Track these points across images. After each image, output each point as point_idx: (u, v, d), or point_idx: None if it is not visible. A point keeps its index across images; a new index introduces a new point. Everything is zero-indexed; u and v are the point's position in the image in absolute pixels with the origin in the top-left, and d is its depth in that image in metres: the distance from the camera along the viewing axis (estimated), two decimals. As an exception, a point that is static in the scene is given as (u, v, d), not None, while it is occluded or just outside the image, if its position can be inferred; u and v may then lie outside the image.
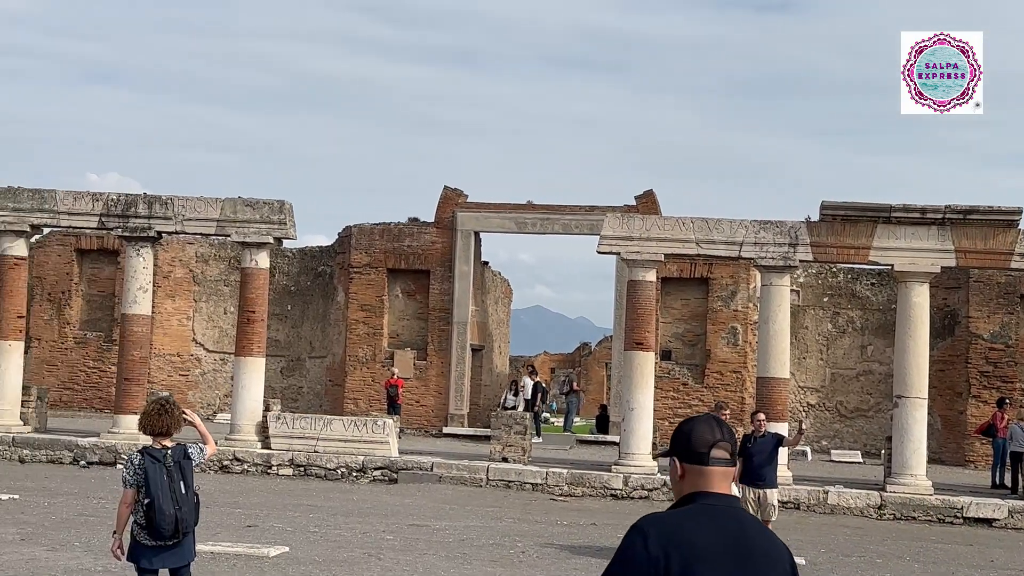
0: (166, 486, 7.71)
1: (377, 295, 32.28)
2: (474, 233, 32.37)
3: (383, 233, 32.47)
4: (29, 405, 24.44)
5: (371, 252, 32.33)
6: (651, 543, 3.39)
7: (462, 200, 32.30)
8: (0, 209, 24.11)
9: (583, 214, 31.49)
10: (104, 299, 34.37)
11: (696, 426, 3.63)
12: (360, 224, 32.79)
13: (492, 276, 35.64)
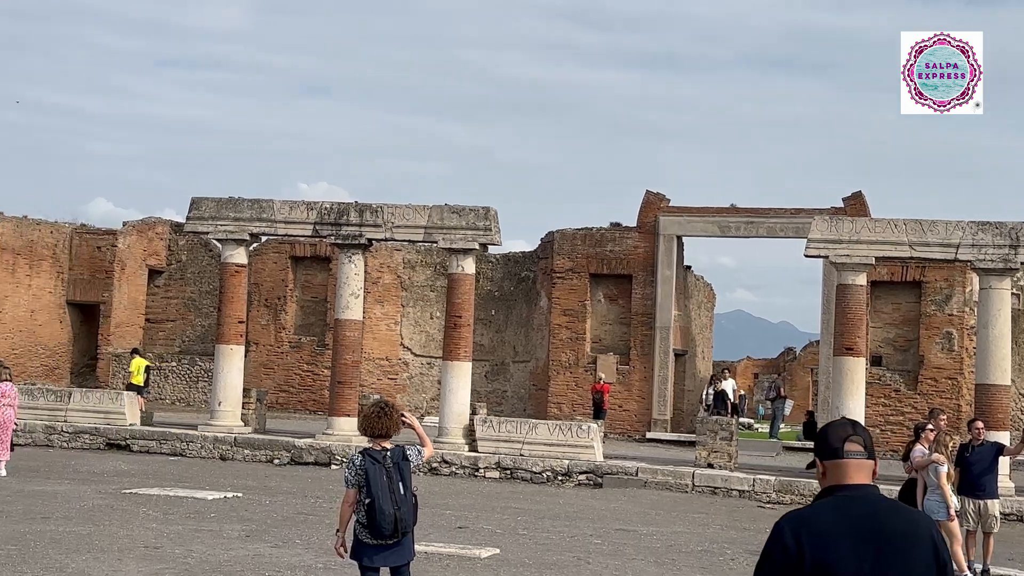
0: (385, 487, 7.92)
1: (579, 300, 32.43)
2: (676, 237, 32.18)
3: (585, 238, 32.61)
4: (249, 406, 25.51)
5: (574, 257, 32.51)
6: (786, 535, 3.70)
7: (664, 204, 32.16)
8: (222, 219, 25.26)
9: (788, 217, 30.91)
10: (317, 304, 35.59)
11: (831, 426, 3.97)
12: (563, 229, 33.02)
13: (695, 280, 35.35)
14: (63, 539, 12.68)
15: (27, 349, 34.70)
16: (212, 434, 24.28)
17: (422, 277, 35.76)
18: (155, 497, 16.96)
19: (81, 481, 18.66)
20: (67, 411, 25.06)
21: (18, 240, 34.47)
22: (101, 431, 24.61)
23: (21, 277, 34.52)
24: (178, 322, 37.64)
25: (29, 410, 25.13)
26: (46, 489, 17.33)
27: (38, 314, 35.09)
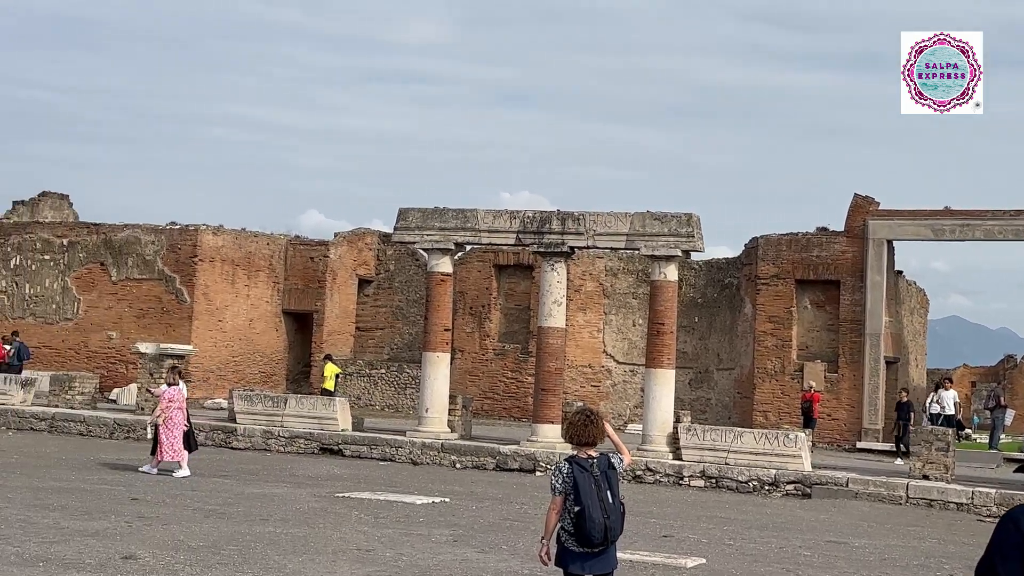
0: (595, 495, 7.92)
1: (785, 306, 31.79)
2: (887, 241, 31.19)
3: (790, 243, 31.96)
4: (455, 413, 25.96)
5: (778, 263, 31.91)
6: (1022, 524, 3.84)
7: (874, 208, 31.22)
8: (428, 229, 25.81)
9: (1008, 219, 29.58)
10: (520, 312, 35.98)
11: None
12: (767, 235, 32.45)
13: (906, 286, 34.18)
14: (280, 541, 13.16)
15: (246, 356, 36.20)
16: (420, 440, 24.81)
17: (624, 284, 35.71)
18: (366, 501, 17.43)
19: (297, 484, 19.34)
20: (283, 416, 26.02)
21: (237, 252, 36.03)
22: (315, 436, 25.46)
23: (240, 287, 36.05)
24: (386, 330, 38.63)
25: (248, 415, 26.22)
26: (264, 492, 18.02)
27: (256, 323, 36.57)
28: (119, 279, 35.00)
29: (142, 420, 26.60)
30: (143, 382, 27.86)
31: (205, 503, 16.10)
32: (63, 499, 15.68)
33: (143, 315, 34.66)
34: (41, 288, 35.66)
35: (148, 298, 34.75)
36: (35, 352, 34.94)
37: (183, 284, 34.51)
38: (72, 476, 18.70)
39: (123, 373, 33.56)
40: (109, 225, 35.67)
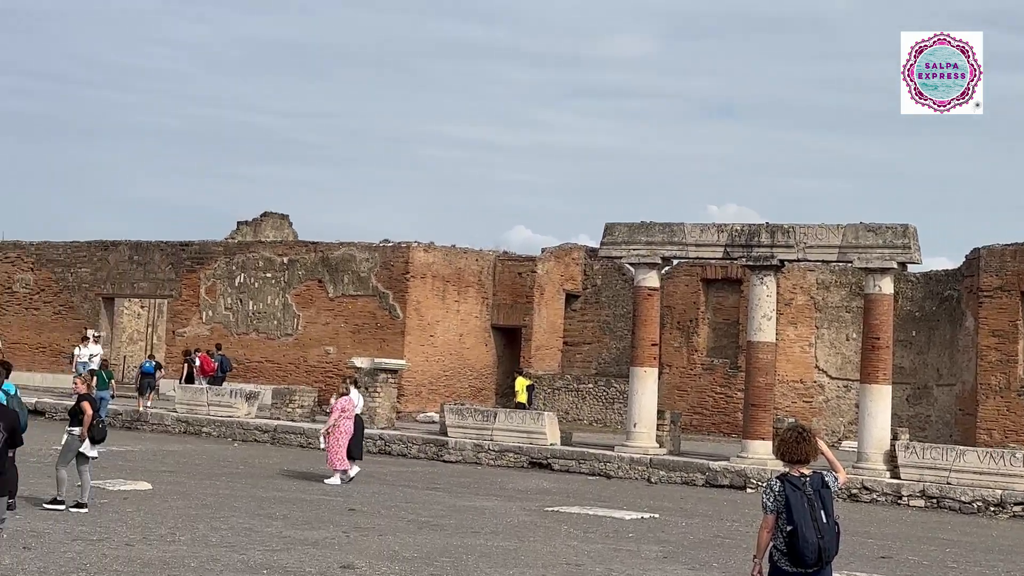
0: (808, 514, 7.74)
1: (1010, 320, 30.37)
2: (1121, 250, 29.43)
3: (1015, 254, 30.52)
4: (663, 428, 25.79)
5: (1002, 274, 30.52)
6: None
7: (1106, 214, 29.54)
8: (634, 244, 25.77)
9: None
10: (728, 327, 35.50)
11: None
12: (990, 245, 31.09)
13: None
14: (492, 553, 13.34)
15: (456, 371, 36.88)
16: (628, 455, 24.75)
17: (836, 298, 34.81)
18: (576, 515, 17.49)
19: (507, 498, 19.56)
20: (493, 430, 26.37)
21: (448, 268, 36.77)
22: (524, 450, 25.70)
23: (451, 303, 36.77)
24: (594, 344, 38.72)
25: (459, 429, 26.69)
26: (475, 504, 18.30)
27: (466, 337, 37.22)
28: (336, 295, 36.18)
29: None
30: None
31: (419, 515, 16.46)
32: (285, 509, 16.30)
33: (358, 330, 35.72)
34: (263, 305, 37.18)
35: (363, 314, 35.80)
36: (258, 367, 36.46)
37: (396, 300, 35.42)
38: (293, 486, 19.41)
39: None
40: (326, 243, 36.93)
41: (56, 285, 40.22)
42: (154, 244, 39.15)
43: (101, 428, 15.29)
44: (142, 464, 21.19)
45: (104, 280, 39.50)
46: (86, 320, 39.19)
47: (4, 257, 41.39)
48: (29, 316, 40.49)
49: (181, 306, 38.45)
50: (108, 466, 20.06)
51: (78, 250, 40.23)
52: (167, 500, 16.39)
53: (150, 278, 38.98)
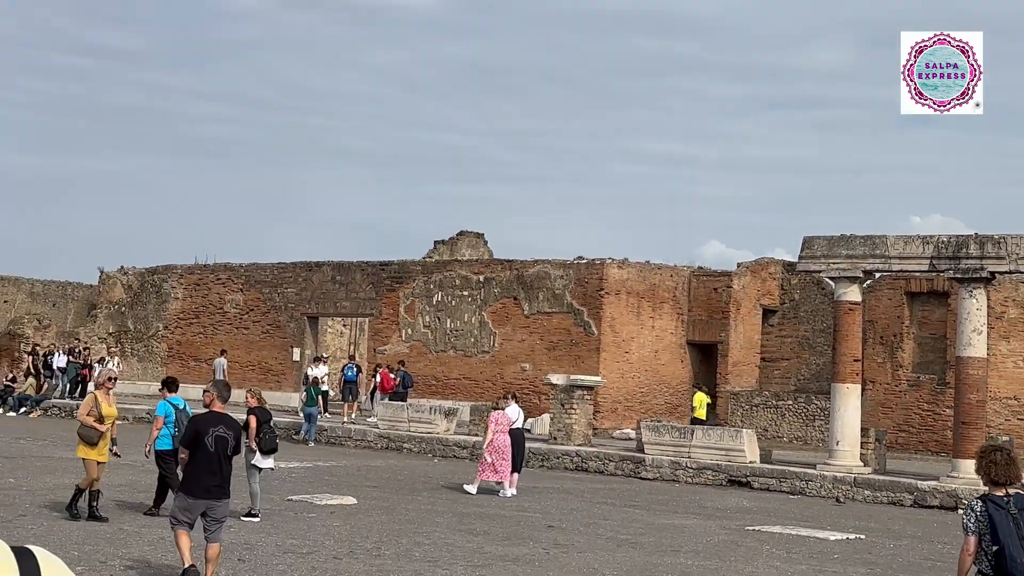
0: (1014, 533, 7.47)
1: None
2: None
3: None
4: (868, 446, 25.05)
5: None
6: None
7: None
8: (834, 257, 25.15)
9: None
10: (935, 341, 34.26)
11: None
12: None
13: None
14: (692, 573, 13.19)
15: (651, 387, 36.68)
16: (831, 473, 24.13)
17: (1052, 310, 33.17)
18: (777, 535, 17.15)
19: (706, 516, 19.32)
20: (690, 447, 26.10)
21: (642, 284, 36.65)
22: (722, 467, 25.35)
23: (645, 319, 36.62)
24: (792, 360, 37.93)
25: (655, 446, 26.52)
26: (674, 523, 18.14)
27: (661, 354, 36.99)
28: (531, 313, 36.49)
29: (555, 449, 27.56)
30: (555, 412, 28.87)
31: (617, 533, 16.41)
32: (485, 524, 16.49)
33: (553, 347, 35.92)
34: (460, 323, 37.79)
35: (558, 331, 35.99)
36: (456, 383, 37.05)
37: (590, 317, 35.47)
38: (492, 502, 19.61)
39: (536, 403, 34.89)
40: (521, 261, 37.30)
41: (264, 305, 41.79)
42: (355, 264, 40.29)
43: (268, 439, 15.81)
44: (347, 479, 21.77)
45: (309, 300, 40.84)
46: (292, 339, 40.61)
47: (216, 279, 43.26)
48: (239, 335, 42.18)
49: (381, 324, 39.43)
50: (315, 481, 20.71)
51: (284, 271, 41.73)
52: (372, 515, 16.79)
53: (352, 297, 40.11)
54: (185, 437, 11.25)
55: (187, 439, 11.11)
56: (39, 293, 64.95)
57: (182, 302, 44.02)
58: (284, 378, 40.36)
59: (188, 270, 44.47)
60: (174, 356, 43.61)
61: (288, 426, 31.10)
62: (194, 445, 10.93)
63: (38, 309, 59.14)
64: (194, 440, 10.95)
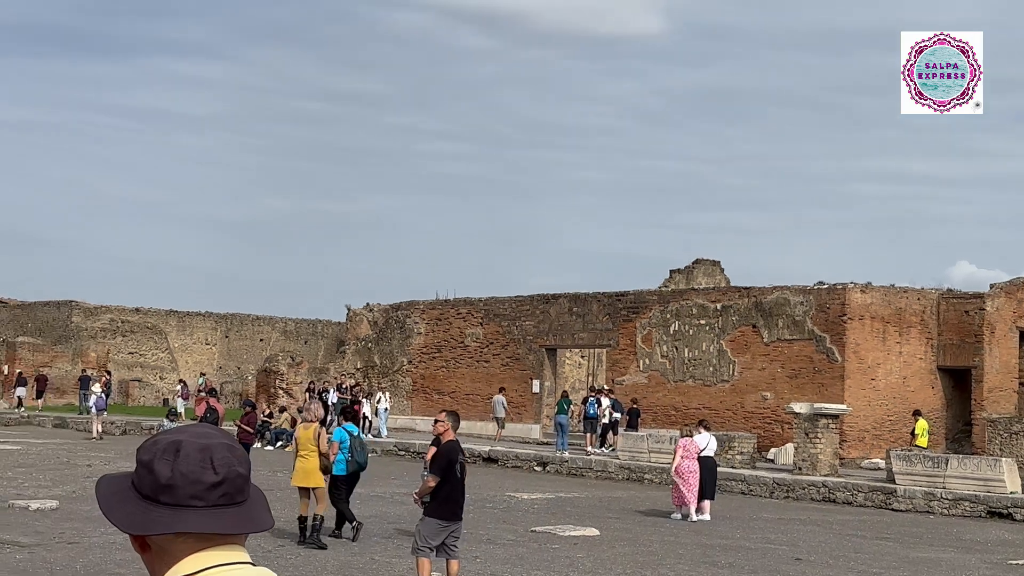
0: None
1: None
2: None
3: None
4: None
5: None
6: None
7: None
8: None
9: None
10: None
11: None
12: None
13: None
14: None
15: (901, 415, 35.28)
16: (1101, 505, 22.60)
17: None
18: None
19: (964, 550, 18.43)
20: (945, 477, 24.98)
21: (887, 308, 35.39)
22: (981, 498, 24.14)
23: (891, 344, 35.33)
24: (1054, 385, 35.79)
25: (906, 476, 25.51)
26: (930, 556, 17.38)
27: (909, 380, 35.58)
28: (770, 340, 35.77)
29: (800, 480, 26.88)
30: (799, 442, 28.17)
31: (869, 566, 15.85)
32: (730, 556, 16.20)
33: (795, 375, 35.08)
34: (699, 352, 37.39)
35: (799, 358, 35.14)
36: (696, 413, 36.58)
37: (833, 343, 34.48)
38: (736, 534, 19.26)
39: (779, 433, 34.13)
40: (759, 288, 36.65)
41: (503, 338, 42.47)
42: (592, 295, 40.49)
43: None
44: (589, 510, 21.80)
45: (546, 332, 41.26)
46: (532, 371, 41.10)
47: (456, 313, 44.27)
48: (480, 368, 42.98)
49: (619, 355, 39.44)
50: (557, 512, 20.84)
51: (522, 304, 42.31)
52: (615, 546, 16.75)
53: (589, 328, 40.30)
54: (438, 464, 11.67)
55: (440, 466, 11.55)
56: (291, 331, 68.07)
57: (425, 336, 45.22)
58: (524, 410, 40.86)
59: (430, 305, 45.67)
60: (418, 390, 44.80)
61: (528, 458, 31.47)
62: (446, 472, 11.42)
63: (291, 346, 61.98)
64: (447, 467, 11.44)
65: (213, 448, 1.99)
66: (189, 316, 65.27)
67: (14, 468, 24.79)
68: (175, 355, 61.21)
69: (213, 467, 1.97)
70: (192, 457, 1.97)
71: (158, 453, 1.98)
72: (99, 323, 58.79)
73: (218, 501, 1.96)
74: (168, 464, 1.96)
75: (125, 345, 58.72)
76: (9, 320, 64.46)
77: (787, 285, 36.12)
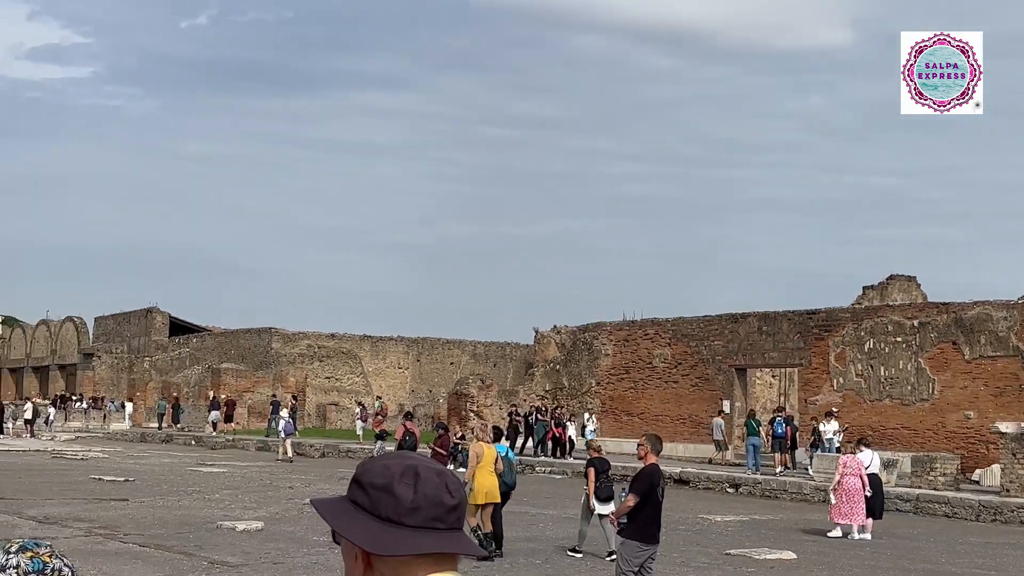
0: None
1: None
2: None
3: None
4: None
5: None
6: None
7: None
8: None
9: None
10: None
11: None
12: None
13: None
14: None
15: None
16: None
17: None
18: None
19: None
20: None
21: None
22: None
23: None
24: None
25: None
26: None
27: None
28: (972, 357, 34.44)
29: (1008, 502, 25.78)
30: (1005, 463, 27.02)
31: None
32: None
33: (1000, 393, 33.67)
34: (895, 370, 36.28)
35: (1004, 375, 33.73)
36: (893, 433, 35.52)
37: (1039, 359, 32.98)
38: (941, 558, 18.57)
39: (983, 453, 32.81)
40: (958, 304, 35.37)
41: (692, 358, 42.11)
42: (781, 314, 39.78)
43: (604, 488, 16.66)
44: (784, 533, 21.39)
45: (736, 351, 40.72)
46: (722, 391, 40.62)
47: (644, 334, 44.13)
48: (668, 389, 42.71)
49: (811, 374, 38.61)
50: (752, 535, 20.52)
51: (710, 324, 41.89)
52: (812, 570, 16.40)
53: (779, 347, 39.60)
54: (640, 485, 11.66)
55: (642, 487, 11.55)
56: (480, 354, 69.03)
57: (612, 358, 45.21)
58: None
59: (617, 327, 45.66)
60: (607, 411, 44.79)
61: (719, 479, 31.08)
62: (647, 494, 11.43)
63: (480, 369, 62.85)
64: (648, 489, 11.45)
65: (445, 473, 2.09)
66: (382, 341, 66.93)
67: (221, 490, 25.83)
68: (369, 379, 62.79)
69: (449, 491, 2.06)
70: (432, 481, 2.06)
71: (396, 476, 2.05)
72: (297, 349, 60.82)
73: (454, 524, 2.05)
74: (410, 487, 2.04)
75: (322, 370, 60.56)
76: (214, 347, 67.33)
77: (989, 300, 34.76)
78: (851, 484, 20.77)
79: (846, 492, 20.74)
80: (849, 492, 20.73)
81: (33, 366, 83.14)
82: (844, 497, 20.74)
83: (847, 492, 20.74)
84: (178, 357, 69.52)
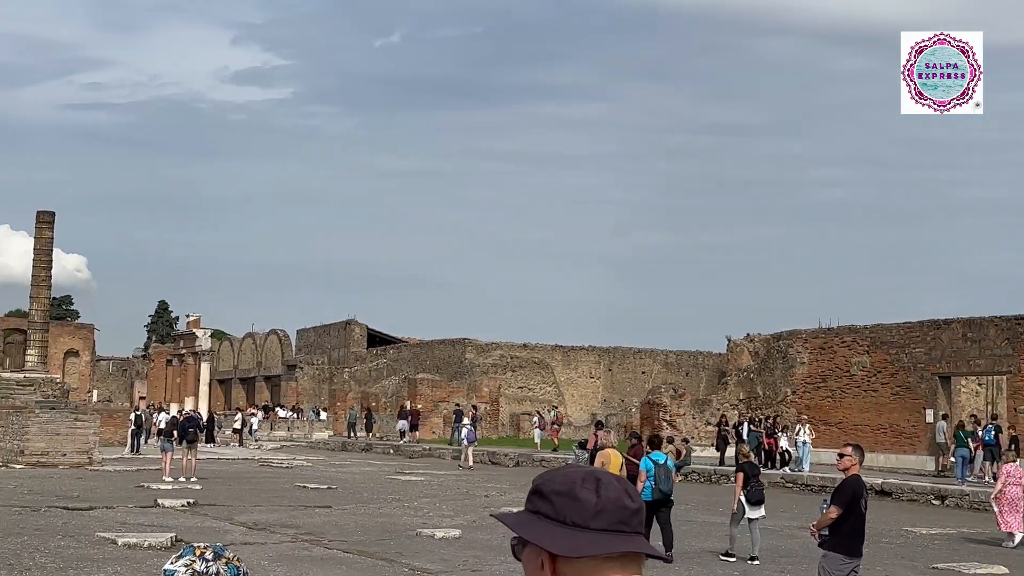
0: None
1: None
2: None
3: None
4: None
5: None
6: None
7: None
8: None
9: None
10: None
11: None
12: None
13: None
14: None
15: None
16: None
17: None
18: None
19: None
20: None
21: None
22: None
23: None
24: None
25: None
26: None
27: None
28: None
29: None
30: None
31: None
32: None
33: None
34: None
35: None
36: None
37: None
38: None
39: None
40: None
41: (892, 366, 40.86)
42: (988, 320, 38.23)
43: (755, 491, 16.60)
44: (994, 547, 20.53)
45: (939, 359, 39.34)
46: (924, 400, 39.29)
47: (840, 342, 43.06)
48: (868, 397, 41.54)
49: (1021, 382, 36.97)
50: (960, 548, 19.80)
51: (911, 330, 40.58)
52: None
53: (986, 355, 38.06)
54: (843, 497, 11.40)
55: (845, 499, 11.29)
56: (672, 363, 68.58)
57: (808, 366, 44.26)
58: (918, 440, 39.10)
59: (812, 334, 44.69)
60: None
61: (924, 491, 30.06)
62: (851, 505, 11.16)
63: (672, 378, 62.43)
64: (852, 500, 11.18)
65: (623, 480, 2.14)
66: (574, 351, 67.20)
67: (419, 498, 26.36)
68: (561, 388, 63.11)
69: (629, 495, 2.11)
70: (613, 486, 2.11)
71: (578, 483, 2.10)
72: (490, 359, 61.64)
73: (637, 528, 2.09)
74: (592, 491, 2.09)
75: (515, 380, 61.21)
76: (410, 358, 68.84)
77: None
78: (1014, 493, 20.56)
79: (1009, 501, 20.51)
80: (1011, 500, 20.50)
81: (240, 377, 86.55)
82: (1007, 505, 20.52)
83: (1010, 501, 20.52)
84: (376, 368, 71.36)
